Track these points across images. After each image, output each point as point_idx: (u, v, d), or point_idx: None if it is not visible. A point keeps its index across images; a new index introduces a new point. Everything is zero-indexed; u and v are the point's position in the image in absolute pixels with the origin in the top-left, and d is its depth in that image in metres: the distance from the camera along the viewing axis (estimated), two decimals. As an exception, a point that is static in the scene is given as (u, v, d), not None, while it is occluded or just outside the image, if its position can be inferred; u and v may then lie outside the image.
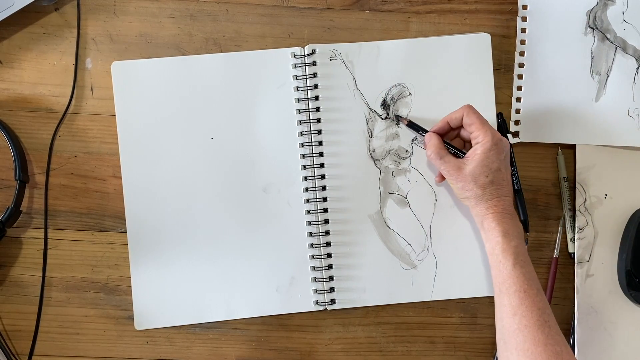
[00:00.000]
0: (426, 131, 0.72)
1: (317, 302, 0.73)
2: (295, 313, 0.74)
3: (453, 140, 0.72)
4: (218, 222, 0.73)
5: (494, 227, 0.66)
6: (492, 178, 0.66)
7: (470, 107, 0.69)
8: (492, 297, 0.69)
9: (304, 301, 0.74)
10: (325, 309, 0.74)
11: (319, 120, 0.74)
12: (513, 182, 0.74)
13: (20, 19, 0.74)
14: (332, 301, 0.73)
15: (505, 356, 0.62)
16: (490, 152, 0.66)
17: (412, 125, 0.73)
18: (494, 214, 0.66)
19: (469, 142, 0.70)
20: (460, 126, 0.70)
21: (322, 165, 0.74)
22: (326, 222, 0.74)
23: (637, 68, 0.74)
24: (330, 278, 0.73)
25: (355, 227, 0.74)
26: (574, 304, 0.73)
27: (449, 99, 0.73)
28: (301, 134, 0.74)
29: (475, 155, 0.67)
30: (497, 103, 0.75)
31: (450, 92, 0.74)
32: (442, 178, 0.73)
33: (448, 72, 0.74)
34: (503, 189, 0.67)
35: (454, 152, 0.70)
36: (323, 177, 0.74)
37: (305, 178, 0.74)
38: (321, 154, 0.74)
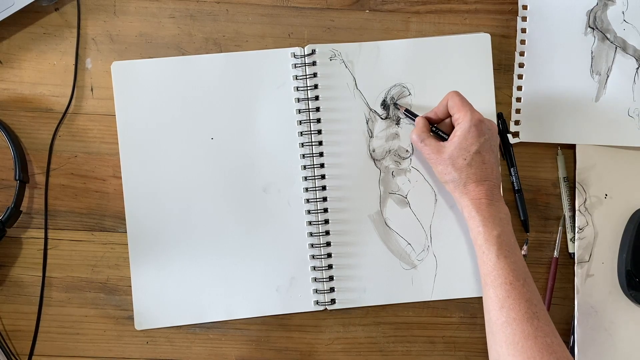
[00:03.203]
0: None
1: (317, 302, 0.73)
2: (295, 313, 0.74)
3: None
4: (218, 222, 0.73)
5: (474, 215, 0.65)
6: (469, 161, 0.65)
7: (454, 92, 0.68)
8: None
9: (304, 301, 0.74)
10: (325, 309, 0.74)
11: (319, 120, 0.74)
12: (513, 182, 0.74)
13: (20, 19, 0.74)
14: (332, 301, 0.73)
15: (495, 349, 0.62)
16: (469, 133, 0.65)
17: (408, 113, 0.73)
18: (471, 201, 0.65)
19: None
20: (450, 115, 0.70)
21: (322, 165, 0.74)
22: (326, 222, 0.74)
23: (637, 68, 0.74)
24: (331, 278, 0.73)
25: (355, 227, 0.74)
26: (574, 304, 0.73)
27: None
28: (301, 134, 0.74)
29: (454, 137, 0.66)
30: (497, 103, 0.75)
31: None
32: None
33: (448, 72, 0.74)
34: (482, 172, 0.65)
35: (445, 138, 0.69)
36: (323, 177, 0.74)
37: (305, 178, 0.74)
38: (321, 154, 0.74)
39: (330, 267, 0.73)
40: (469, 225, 0.66)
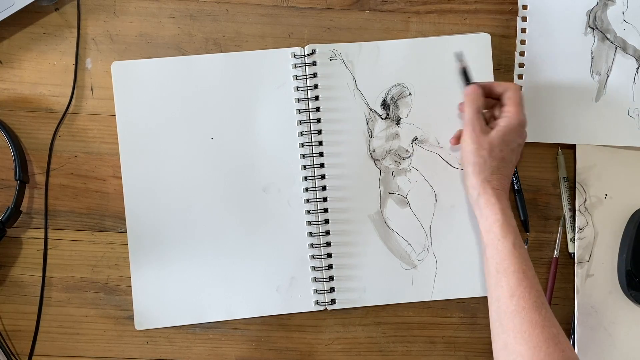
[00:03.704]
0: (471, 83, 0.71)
1: (317, 302, 0.73)
2: (295, 313, 0.74)
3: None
4: (218, 222, 0.73)
5: (494, 203, 0.65)
6: (505, 155, 0.67)
7: (518, 87, 0.70)
8: (492, 297, 0.69)
9: (304, 301, 0.74)
10: (326, 309, 0.74)
11: (319, 120, 0.74)
12: (513, 182, 0.74)
13: (20, 19, 0.74)
14: (332, 301, 0.73)
15: (502, 338, 0.62)
16: (513, 129, 0.67)
17: (464, 73, 0.71)
18: (493, 190, 0.66)
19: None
20: (494, 99, 0.70)
21: (322, 165, 0.74)
22: (326, 222, 0.74)
23: (637, 68, 0.74)
24: (331, 278, 0.73)
25: (356, 227, 0.74)
26: (574, 304, 0.73)
27: (449, 99, 0.74)
28: (301, 134, 0.74)
29: (499, 126, 0.67)
30: (497, 103, 0.75)
31: (450, 92, 0.74)
32: (456, 141, 0.72)
33: (448, 72, 0.74)
34: (508, 169, 0.67)
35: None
36: (323, 177, 0.74)
37: (306, 178, 0.74)
38: (321, 154, 0.74)
39: (330, 267, 0.73)
40: (484, 212, 0.66)
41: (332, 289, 0.73)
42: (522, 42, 0.75)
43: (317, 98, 0.74)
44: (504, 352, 0.61)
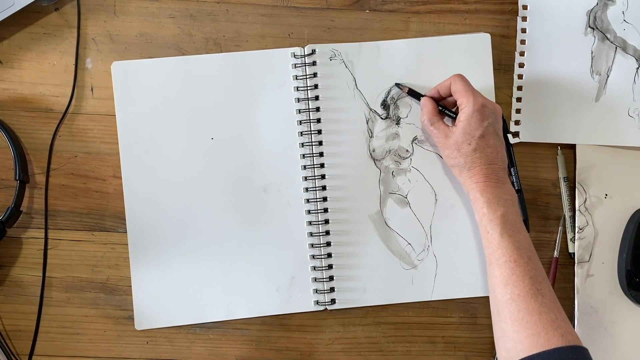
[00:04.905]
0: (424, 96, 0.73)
1: (317, 302, 0.73)
2: (295, 313, 0.74)
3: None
4: (218, 222, 0.73)
5: (478, 197, 0.66)
6: (475, 146, 0.66)
7: (458, 75, 0.69)
8: (492, 297, 0.69)
9: (304, 301, 0.74)
10: (326, 309, 0.74)
11: (319, 120, 0.74)
12: (513, 182, 0.74)
13: (20, 19, 0.74)
14: (332, 301, 0.73)
15: (500, 326, 0.62)
16: (472, 118, 0.66)
17: (412, 93, 0.73)
18: (476, 184, 0.66)
19: None
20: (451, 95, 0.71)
21: (322, 165, 0.74)
22: (326, 222, 0.74)
23: (637, 68, 0.74)
24: (331, 278, 0.73)
25: (356, 227, 0.74)
26: (574, 304, 0.73)
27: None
28: (301, 134, 0.74)
29: (459, 122, 0.67)
30: (497, 103, 0.74)
31: (450, 92, 0.74)
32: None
33: (448, 72, 0.74)
34: (487, 156, 0.66)
35: (453, 116, 0.70)
36: (323, 177, 0.74)
37: (306, 178, 0.74)
38: (321, 154, 0.74)
39: (330, 267, 0.73)
40: (474, 207, 0.67)
41: (332, 289, 0.73)
42: (522, 42, 0.75)
43: (317, 98, 0.74)
44: (503, 340, 0.62)
